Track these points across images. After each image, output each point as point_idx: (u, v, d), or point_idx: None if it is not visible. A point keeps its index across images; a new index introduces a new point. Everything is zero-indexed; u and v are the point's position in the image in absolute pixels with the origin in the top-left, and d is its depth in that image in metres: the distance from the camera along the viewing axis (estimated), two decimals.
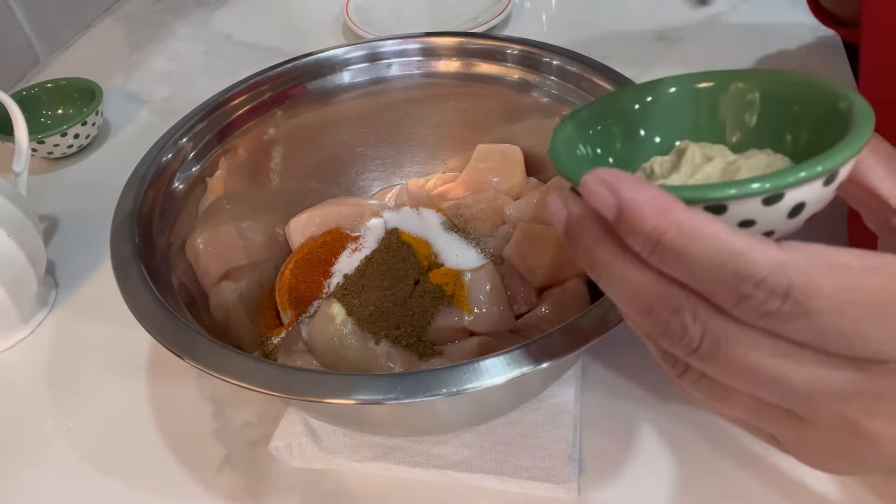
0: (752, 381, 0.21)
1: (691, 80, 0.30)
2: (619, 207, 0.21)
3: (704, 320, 0.21)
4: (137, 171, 0.43)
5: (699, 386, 0.23)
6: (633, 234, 0.21)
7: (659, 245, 0.20)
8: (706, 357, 0.21)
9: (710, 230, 0.20)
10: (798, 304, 0.19)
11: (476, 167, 0.52)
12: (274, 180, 0.52)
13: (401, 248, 0.47)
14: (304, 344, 0.43)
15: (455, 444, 0.40)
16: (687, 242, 0.20)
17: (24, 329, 0.52)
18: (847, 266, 0.20)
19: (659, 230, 0.20)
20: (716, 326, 0.21)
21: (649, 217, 0.20)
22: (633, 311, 0.22)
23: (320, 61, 0.51)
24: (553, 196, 0.24)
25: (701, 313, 0.21)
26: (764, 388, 0.21)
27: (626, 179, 0.21)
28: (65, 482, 0.43)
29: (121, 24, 0.88)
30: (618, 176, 0.21)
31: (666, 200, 0.20)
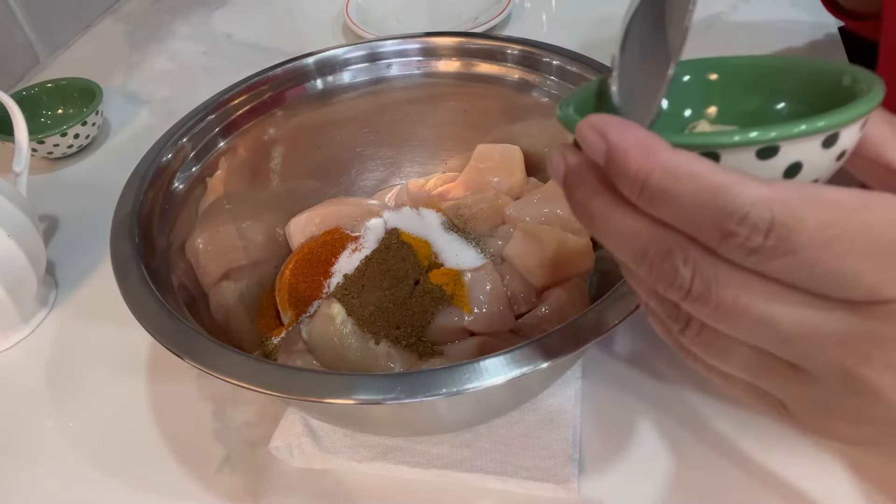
0: (745, 325, 0.21)
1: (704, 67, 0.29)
2: (607, 151, 0.21)
3: (695, 261, 0.21)
4: (137, 171, 0.43)
5: (700, 341, 0.23)
6: (620, 177, 0.21)
7: (645, 187, 0.20)
8: (699, 299, 0.21)
9: (693, 168, 0.20)
10: (782, 239, 0.19)
11: (476, 167, 0.52)
12: (274, 180, 0.52)
13: (401, 248, 0.47)
14: (304, 344, 0.43)
15: (455, 444, 0.40)
16: (671, 182, 0.20)
17: (24, 329, 0.52)
18: (835, 202, 0.19)
19: (644, 171, 0.20)
20: (706, 267, 0.21)
21: (634, 158, 0.20)
22: (629, 258, 0.22)
23: (320, 61, 0.51)
24: (554, 151, 0.24)
25: (691, 254, 0.21)
26: (757, 333, 0.21)
27: (614, 123, 0.21)
28: (65, 482, 0.43)
29: (121, 24, 0.88)
30: (607, 120, 0.21)
31: (651, 141, 0.20)
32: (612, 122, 0.21)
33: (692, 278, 0.21)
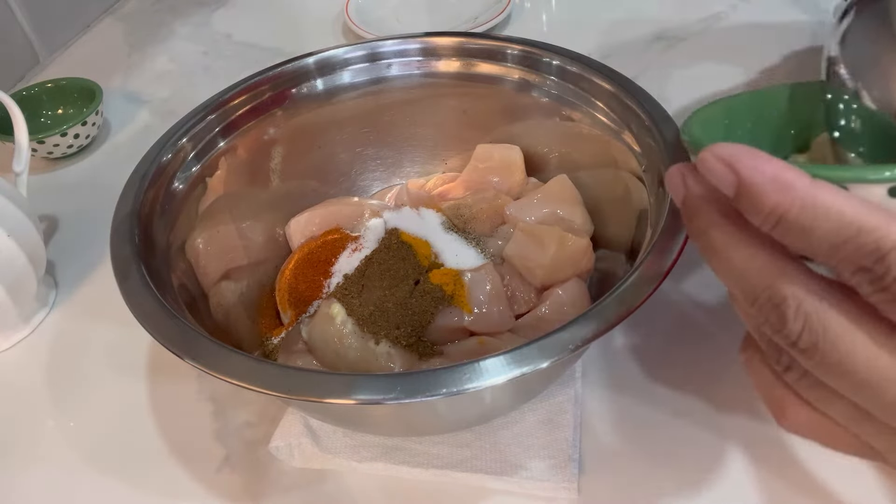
0: (848, 385, 0.20)
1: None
2: (737, 184, 0.20)
3: (807, 314, 0.20)
4: (137, 171, 0.43)
5: (801, 384, 0.22)
6: (754, 212, 0.20)
7: (781, 221, 0.20)
8: (805, 352, 0.20)
9: (836, 204, 0.19)
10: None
11: (476, 167, 0.52)
12: (274, 180, 0.52)
13: (401, 248, 0.47)
14: (304, 344, 0.43)
15: (455, 444, 0.40)
16: (811, 219, 0.19)
17: (24, 329, 0.52)
18: None
19: (781, 208, 0.20)
20: (817, 322, 0.20)
21: (771, 195, 0.20)
22: (741, 296, 0.22)
23: (320, 61, 0.51)
24: (673, 169, 0.23)
25: (804, 307, 0.20)
26: (859, 394, 0.20)
27: (745, 155, 0.20)
28: (65, 482, 0.43)
29: (121, 24, 0.88)
30: (736, 151, 0.20)
31: (788, 175, 0.20)
32: (742, 152, 0.20)
33: (801, 331, 0.20)
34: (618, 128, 0.45)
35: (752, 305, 0.21)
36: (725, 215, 0.22)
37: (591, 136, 0.47)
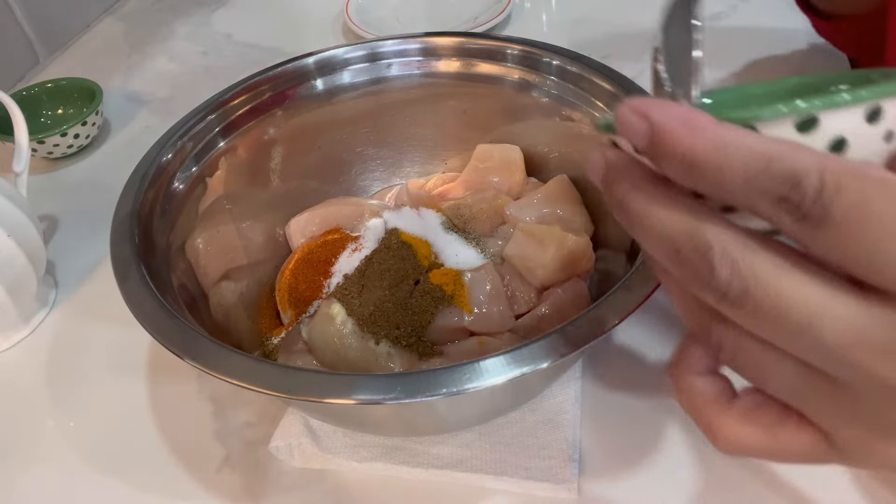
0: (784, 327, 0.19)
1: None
2: (650, 132, 0.20)
3: (733, 258, 0.20)
4: (137, 171, 0.43)
5: (739, 360, 0.22)
6: (667, 157, 0.20)
7: (694, 163, 0.20)
8: (737, 301, 0.20)
9: (744, 140, 0.19)
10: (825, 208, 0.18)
11: (476, 167, 0.52)
12: (274, 180, 0.52)
13: (401, 248, 0.47)
14: (304, 344, 0.43)
15: (455, 444, 0.40)
16: (722, 156, 0.19)
17: (24, 329, 0.52)
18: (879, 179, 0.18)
19: (693, 149, 0.20)
20: (745, 264, 0.20)
21: (682, 138, 0.20)
22: (664, 256, 0.21)
23: (320, 61, 0.51)
24: (593, 151, 0.23)
25: (729, 251, 0.20)
26: (797, 338, 0.20)
27: (656, 103, 0.20)
28: (65, 482, 0.43)
29: (121, 24, 0.88)
30: (647, 101, 0.21)
31: (697, 117, 0.20)
32: (653, 102, 0.21)
33: (730, 278, 0.20)
34: None
35: (677, 260, 0.21)
36: (642, 179, 0.22)
37: (591, 136, 0.47)
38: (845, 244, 0.18)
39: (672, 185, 0.21)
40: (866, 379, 0.19)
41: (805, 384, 0.21)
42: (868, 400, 0.20)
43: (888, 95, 0.21)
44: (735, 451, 0.23)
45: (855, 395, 0.20)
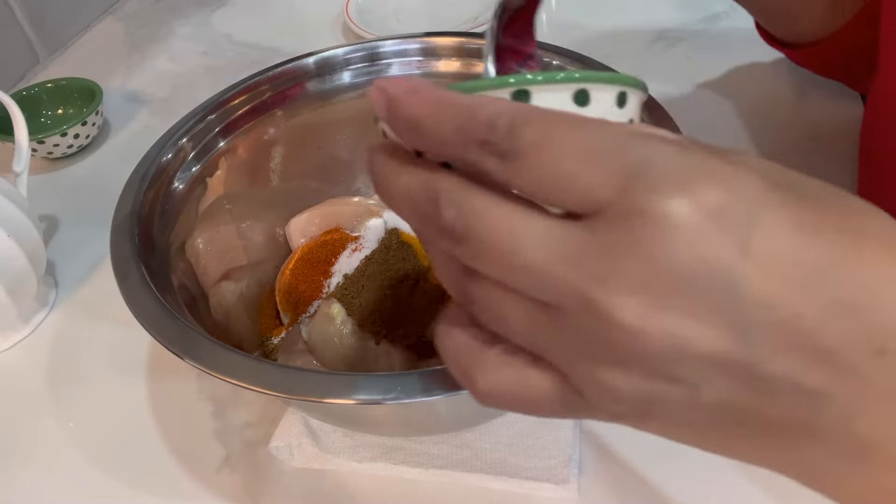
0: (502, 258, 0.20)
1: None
2: (387, 104, 0.22)
3: (458, 201, 0.21)
4: (137, 171, 0.43)
5: (486, 311, 0.22)
6: (398, 122, 0.22)
7: (417, 124, 0.21)
8: (462, 239, 0.21)
9: (457, 98, 0.21)
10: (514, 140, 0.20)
11: None
12: (274, 180, 0.52)
13: (401, 248, 0.47)
14: (304, 344, 0.43)
15: (455, 444, 0.40)
16: (437, 113, 0.21)
17: (24, 329, 0.52)
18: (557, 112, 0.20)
19: (413, 109, 0.21)
20: (465, 203, 0.21)
21: (407, 101, 0.21)
22: (409, 216, 0.23)
23: (320, 61, 0.51)
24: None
25: (454, 195, 0.21)
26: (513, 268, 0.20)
27: (395, 80, 0.22)
28: (65, 482, 0.43)
29: (121, 24, 0.88)
30: (389, 79, 0.22)
31: (420, 84, 0.22)
32: (393, 79, 0.22)
33: (455, 217, 0.21)
34: None
35: (418, 216, 0.23)
36: (390, 154, 0.23)
37: None
38: (536, 173, 0.20)
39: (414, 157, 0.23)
40: (572, 297, 0.19)
41: (535, 321, 0.21)
42: (580, 322, 0.20)
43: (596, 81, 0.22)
44: (492, 400, 0.23)
45: (571, 321, 0.20)
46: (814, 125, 0.58)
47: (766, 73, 0.64)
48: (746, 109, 0.61)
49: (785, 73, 0.64)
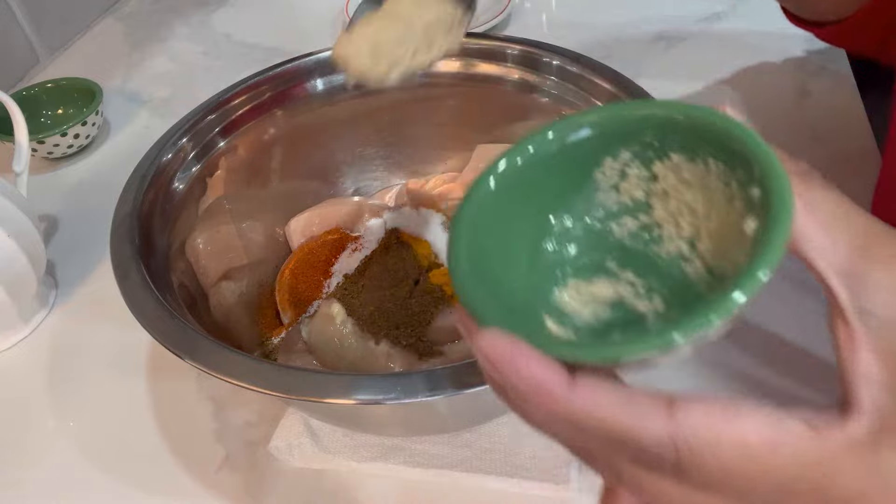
0: None
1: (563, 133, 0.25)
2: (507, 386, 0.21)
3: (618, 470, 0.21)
4: (137, 171, 0.43)
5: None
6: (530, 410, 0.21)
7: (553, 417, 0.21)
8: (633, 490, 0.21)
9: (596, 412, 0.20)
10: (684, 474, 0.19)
11: (476, 167, 0.52)
12: (274, 180, 0.52)
13: (401, 248, 0.47)
14: (304, 344, 0.43)
15: (455, 444, 0.40)
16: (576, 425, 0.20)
17: (24, 329, 0.52)
18: (739, 443, 0.19)
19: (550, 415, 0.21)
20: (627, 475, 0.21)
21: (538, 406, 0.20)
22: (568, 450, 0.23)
23: (320, 61, 0.51)
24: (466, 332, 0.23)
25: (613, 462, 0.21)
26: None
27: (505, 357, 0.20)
28: (65, 482, 0.43)
29: (121, 24, 0.88)
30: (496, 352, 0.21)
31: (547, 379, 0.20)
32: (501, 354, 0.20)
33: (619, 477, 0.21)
34: None
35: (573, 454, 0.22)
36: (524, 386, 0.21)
37: None
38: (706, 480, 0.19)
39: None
40: None
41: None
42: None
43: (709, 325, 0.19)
44: None
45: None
46: (814, 125, 0.58)
47: (766, 72, 0.64)
48: (746, 109, 0.61)
49: (785, 72, 0.64)
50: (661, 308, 0.24)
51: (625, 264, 0.26)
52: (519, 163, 0.25)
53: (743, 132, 0.22)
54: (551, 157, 0.25)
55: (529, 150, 0.25)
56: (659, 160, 0.24)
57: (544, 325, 0.23)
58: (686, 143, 0.23)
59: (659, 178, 0.25)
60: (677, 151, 0.24)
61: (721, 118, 0.22)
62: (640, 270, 0.25)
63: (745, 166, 0.21)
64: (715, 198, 0.23)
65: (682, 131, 0.23)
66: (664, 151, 0.24)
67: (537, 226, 0.26)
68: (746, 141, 0.21)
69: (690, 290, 0.23)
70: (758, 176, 0.21)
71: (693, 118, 0.23)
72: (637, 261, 0.25)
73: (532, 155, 0.25)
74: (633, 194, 0.25)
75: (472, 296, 0.23)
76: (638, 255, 0.25)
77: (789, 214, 0.19)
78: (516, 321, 0.22)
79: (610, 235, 0.26)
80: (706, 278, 0.23)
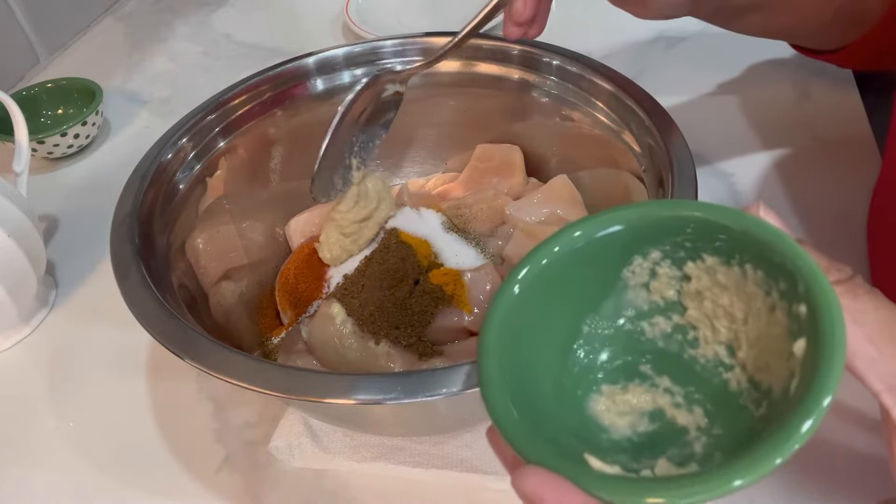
0: None
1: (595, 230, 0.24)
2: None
3: None
4: (137, 171, 0.43)
5: None
6: None
7: None
8: None
9: None
10: None
11: (476, 167, 0.52)
12: (274, 180, 0.52)
13: (401, 248, 0.47)
14: (304, 344, 0.43)
15: (455, 444, 0.40)
16: None
17: (24, 329, 0.52)
18: None
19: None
20: None
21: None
22: None
23: (320, 61, 0.51)
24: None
25: None
26: None
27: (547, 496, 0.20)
28: (65, 482, 0.43)
29: (121, 24, 0.88)
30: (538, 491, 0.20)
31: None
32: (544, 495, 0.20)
33: None
34: (618, 128, 0.45)
35: None
36: None
37: (591, 136, 0.47)
38: None
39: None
40: None
41: None
42: None
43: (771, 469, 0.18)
44: None
45: None
46: (814, 125, 0.58)
47: (766, 73, 0.64)
48: (747, 109, 0.61)
49: (785, 73, 0.64)
50: (702, 422, 0.23)
51: (661, 369, 0.25)
52: (543, 263, 0.24)
53: (784, 244, 0.21)
54: (577, 253, 0.24)
55: (555, 250, 0.24)
56: (692, 261, 0.24)
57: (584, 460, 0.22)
58: (722, 247, 0.23)
59: (692, 279, 0.24)
60: (712, 254, 0.23)
61: (761, 227, 0.22)
62: (678, 377, 0.24)
63: (788, 279, 0.21)
64: (753, 305, 0.22)
65: (718, 235, 0.23)
66: (697, 253, 0.24)
67: (566, 328, 0.25)
68: (788, 253, 0.21)
69: (733, 402, 0.23)
70: (803, 293, 0.20)
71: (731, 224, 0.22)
72: (673, 365, 0.25)
73: (557, 253, 0.24)
74: (665, 294, 0.25)
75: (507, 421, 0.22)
76: (673, 359, 0.24)
77: (843, 339, 0.19)
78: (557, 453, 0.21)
79: (642, 336, 0.25)
80: (749, 391, 0.22)
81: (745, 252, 0.22)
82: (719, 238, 0.23)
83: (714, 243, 0.23)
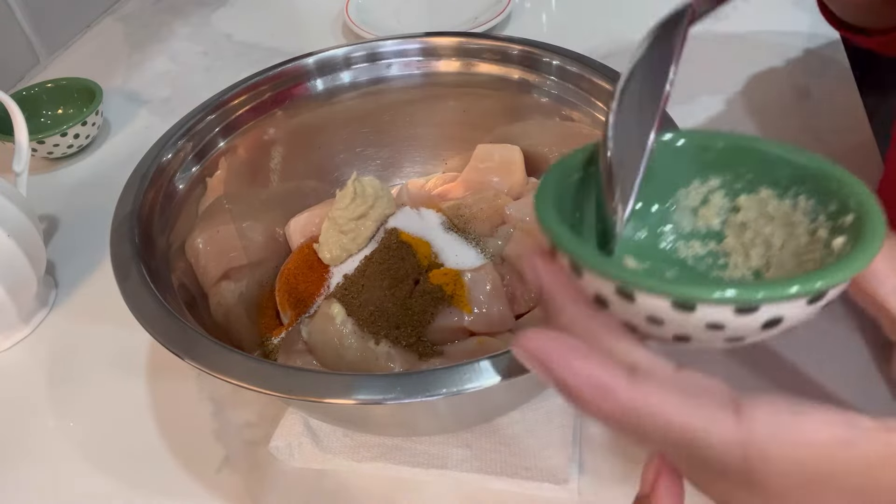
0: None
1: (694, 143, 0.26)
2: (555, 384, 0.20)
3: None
4: (137, 171, 0.43)
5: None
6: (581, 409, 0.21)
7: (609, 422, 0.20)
8: None
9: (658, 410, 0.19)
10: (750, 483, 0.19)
11: (476, 167, 0.52)
12: (274, 180, 0.52)
13: (401, 248, 0.47)
14: (304, 344, 0.43)
15: (455, 444, 0.40)
16: (635, 421, 0.19)
17: (24, 329, 0.52)
18: (810, 443, 0.18)
19: (604, 413, 0.20)
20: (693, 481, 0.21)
21: (592, 402, 0.20)
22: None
23: (320, 61, 0.51)
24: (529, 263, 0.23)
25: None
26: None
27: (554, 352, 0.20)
28: (65, 482, 0.43)
29: (121, 24, 0.88)
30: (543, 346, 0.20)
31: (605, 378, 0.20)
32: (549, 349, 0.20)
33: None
34: None
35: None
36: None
37: (591, 136, 0.47)
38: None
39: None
40: None
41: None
42: None
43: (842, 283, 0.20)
44: None
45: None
46: (814, 125, 0.58)
47: (766, 72, 0.64)
48: (747, 109, 0.61)
49: (785, 72, 0.64)
50: None
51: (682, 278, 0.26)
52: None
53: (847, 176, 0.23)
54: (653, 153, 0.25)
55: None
56: (746, 193, 0.25)
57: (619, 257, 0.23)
58: (781, 181, 0.24)
59: (741, 211, 0.25)
60: (769, 187, 0.24)
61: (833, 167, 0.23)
62: None
63: (841, 200, 0.22)
64: (796, 231, 0.24)
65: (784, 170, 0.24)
66: (754, 186, 0.25)
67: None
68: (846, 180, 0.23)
69: None
70: (854, 205, 0.22)
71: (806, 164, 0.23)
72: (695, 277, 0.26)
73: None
74: (710, 222, 0.26)
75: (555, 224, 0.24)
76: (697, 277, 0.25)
77: (884, 228, 0.21)
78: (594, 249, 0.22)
79: (674, 254, 0.26)
80: None
81: (803, 184, 0.24)
82: (782, 173, 0.24)
83: (776, 177, 0.24)
